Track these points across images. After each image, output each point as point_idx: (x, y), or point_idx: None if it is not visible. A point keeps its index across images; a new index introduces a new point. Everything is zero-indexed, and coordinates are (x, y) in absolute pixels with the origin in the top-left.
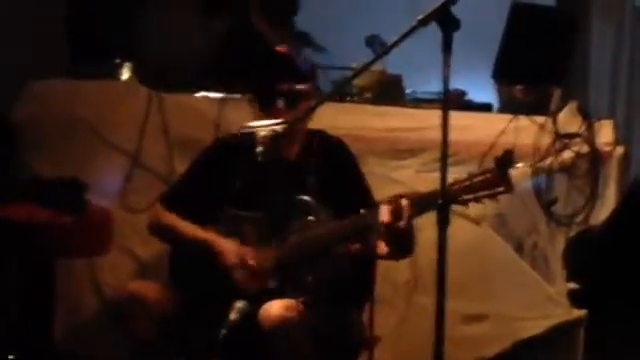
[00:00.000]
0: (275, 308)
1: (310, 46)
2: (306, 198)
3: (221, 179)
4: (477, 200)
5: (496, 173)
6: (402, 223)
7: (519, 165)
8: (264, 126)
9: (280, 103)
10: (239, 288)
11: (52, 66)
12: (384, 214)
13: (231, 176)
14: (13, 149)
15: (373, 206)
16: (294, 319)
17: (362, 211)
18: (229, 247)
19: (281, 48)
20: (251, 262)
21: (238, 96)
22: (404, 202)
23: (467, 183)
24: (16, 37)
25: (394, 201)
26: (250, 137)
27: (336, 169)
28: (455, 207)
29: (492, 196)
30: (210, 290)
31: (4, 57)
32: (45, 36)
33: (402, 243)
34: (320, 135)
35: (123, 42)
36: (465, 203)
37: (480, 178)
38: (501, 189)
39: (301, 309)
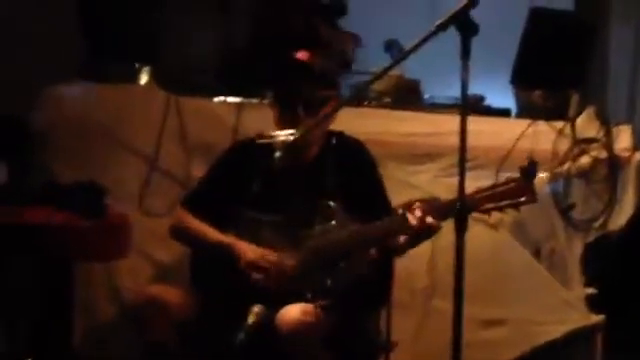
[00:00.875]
0: (292, 312)
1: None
2: (329, 203)
3: (240, 182)
4: (500, 209)
5: (521, 183)
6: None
7: (541, 175)
8: (280, 136)
9: (301, 111)
10: (258, 292)
11: (69, 69)
12: (412, 219)
13: (250, 179)
14: (31, 153)
15: (388, 210)
16: (311, 324)
17: (387, 217)
18: (249, 249)
19: (302, 55)
20: (270, 264)
21: (256, 101)
22: (423, 206)
23: (490, 192)
24: (31, 39)
25: (420, 207)
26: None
27: (354, 170)
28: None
29: (515, 206)
30: (229, 294)
31: (20, 59)
32: (62, 39)
33: (424, 239)
34: (339, 136)
35: (142, 46)
36: (487, 212)
37: (504, 188)
38: (524, 199)
39: (318, 314)
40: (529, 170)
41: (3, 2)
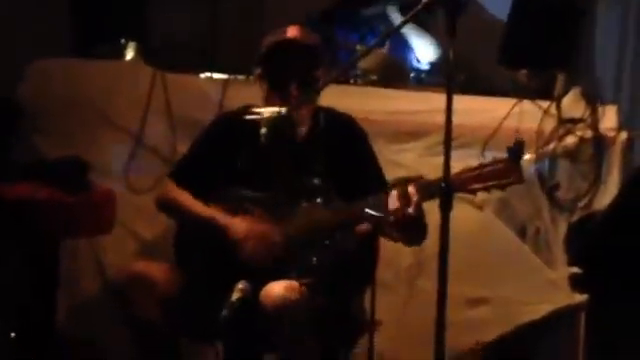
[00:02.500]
0: (276, 289)
1: None
2: (315, 180)
3: (226, 155)
4: (486, 189)
5: (508, 164)
6: (411, 209)
7: (527, 157)
8: (266, 112)
9: (294, 89)
10: (243, 268)
11: (55, 46)
12: (392, 201)
13: (236, 152)
14: (17, 129)
15: (382, 181)
16: (295, 301)
17: (370, 197)
18: (236, 222)
19: (292, 32)
20: (259, 235)
21: (242, 77)
22: (411, 189)
23: (477, 172)
24: (18, 16)
25: (401, 187)
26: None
27: (345, 145)
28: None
29: (501, 187)
30: (214, 271)
31: (6, 37)
32: (48, 16)
33: (412, 230)
34: (328, 112)
35: (128, 22)
36: (474, 192)
37: (491, 168)
38: (511, 180)
39: (302, 291)
40: (516, 150)
41: None
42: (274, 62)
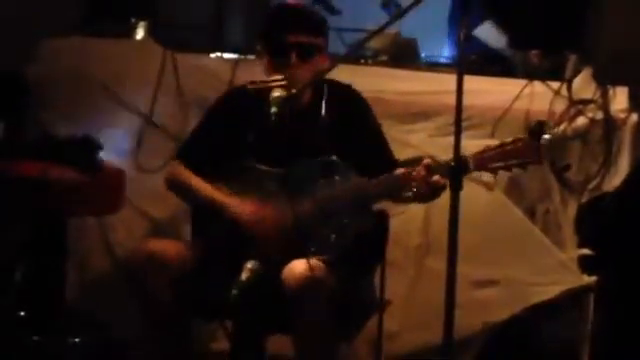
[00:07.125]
0: (300, 268)
1: (325, 8)
2: (332, 157)
3: (234, 130)
4: (507, 168)
5: (528, 143)
6: (437, 177)
7: (546, 136)
8: (270, 81)
9: (293, 57)
10: (255, 247)
11: (66, 24)
12: (416, 178)
13: (244, 128)
14: (27, 107)
15: (389, 153)
16: (319, 279)
17: (396, 170)
18: (245, 210)
19: (292, 1)
20: (268, 221)
21: (252, 57)
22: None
23: (498, 150)
24: None
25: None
26: (262, 90)
27: (350, 117)
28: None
29: (522, 165)
30: (228, 249)
31: (16, 15)
32: None
33: (435, 195)
34: (330, 84)
35: (139, 1)
36: (495, 171)
37: (511, 147)
38: (531, 159)
39: (325, 269)
40: (537, 131)
41: None
42: (274, 30)
